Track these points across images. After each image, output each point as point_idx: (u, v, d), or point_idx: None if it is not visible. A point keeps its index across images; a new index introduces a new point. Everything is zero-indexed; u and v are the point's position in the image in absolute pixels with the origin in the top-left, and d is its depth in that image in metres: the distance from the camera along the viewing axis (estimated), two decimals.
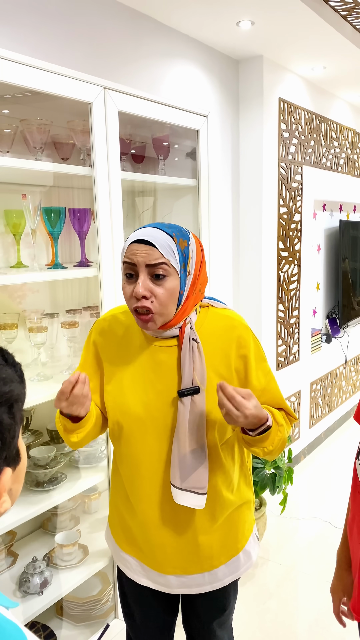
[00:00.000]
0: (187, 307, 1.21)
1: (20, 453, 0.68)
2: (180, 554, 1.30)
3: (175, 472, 1.20)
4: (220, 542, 1.33)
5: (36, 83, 1.55)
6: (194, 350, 1.19)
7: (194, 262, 1.20)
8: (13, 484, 0.68)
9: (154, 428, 1.23)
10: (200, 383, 1.18)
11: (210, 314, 1.27)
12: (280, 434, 1.21)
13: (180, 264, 1.16)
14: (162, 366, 1.23)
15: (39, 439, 1.94)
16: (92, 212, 1.88)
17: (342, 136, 3.94)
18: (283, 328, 3.36)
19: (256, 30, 2.53)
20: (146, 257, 1.13)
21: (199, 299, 1.25)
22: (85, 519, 2.16)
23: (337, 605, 1.28)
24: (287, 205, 3.25)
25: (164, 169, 2.28)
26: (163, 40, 2.44)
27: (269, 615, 2.26)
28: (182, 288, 1.17)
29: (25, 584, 1.75)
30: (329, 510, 3.06)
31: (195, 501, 1.21)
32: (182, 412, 1.18)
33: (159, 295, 1.14)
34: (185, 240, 1.18)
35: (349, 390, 4.52)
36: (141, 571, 1.37)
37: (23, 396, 0.67)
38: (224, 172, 2.95)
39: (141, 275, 1.14)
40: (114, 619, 2.03)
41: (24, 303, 2.00)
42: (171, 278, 1.15)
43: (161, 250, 1.13)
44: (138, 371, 1.25)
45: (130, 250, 1.15)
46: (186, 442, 1.18)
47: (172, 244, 1.14)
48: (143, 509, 1.28)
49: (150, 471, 1.25)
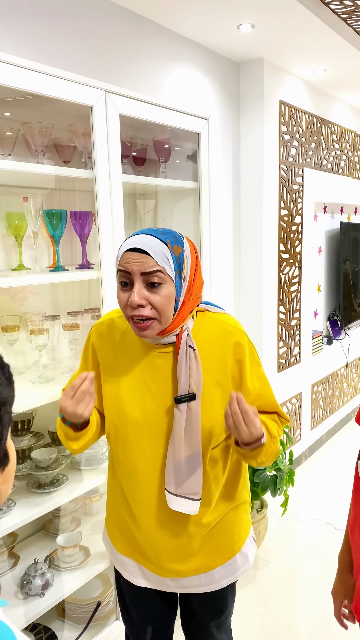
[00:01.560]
0: (184, 313, 1.20)
1: (9, 454, 0.68)
2: (177, 557, 1.31)
3: (170, 477, 1.21)
4: (216, 544, 1.33)
5: (38, 86, 1.56)
6: (190, 357, 1.19)
7: (189, 268, 1.19)
8: (2, 485, 0.68)
9: (150, 433, 1.24)
10: (196, 389, 1.18)
11: (206, 320, 1.27)
12: (273, 446, 1.22)
13: (175, 270, 1.15)
14: (159, 371, 1.23)
15: (40, 441, 1.94)
16: (94, 215, 1.89)
17: (342, 138, 3.95)
18: (284, 330, 3.36)
19: (257, 33, 2.54)
20: (141, 266, 1.12)
21: (196, 304, 1.24)
22: (87, 520, 2.17)
23: (338, 608, 1.28)
24: (288, 207, 3.25)
25: (165, 172, 2.29)
26: (164, 43, 2.45)
27: (270, 617, 2.26)
28: (178, 294, 1.17)
29: (27, 585, 1.76)
30: (330, 512, 3.06)
31: (189, 507, 1.21)
32: (178, 418, 1.18)
33: (155, 303, 1.14)
34: (179, 246, 1.17)
35: (350, 392, 4.51)
36: (138, 572, 1.37)
37: (11, 398, 0.67)
38: (225, 175, 2.96)
39: (136, 283, 1.13)
40: (115, 621, 2.04)
41: (25, 305, 2.00)
42: (166, 285, 1.14)
43: (155, 258, 1.12)
44: (135, 376, 1.25)
45: (124, 259, 1.14)
46: (181, 448, 1.19)
47: (166, 251, 1.14)
48: (139, 512, 1.29)
49: (146, 476, 1.26)
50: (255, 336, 3.13)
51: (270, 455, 1.22)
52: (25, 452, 1.88)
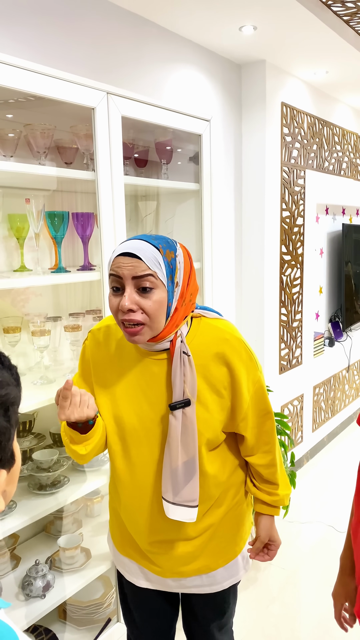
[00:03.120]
0: (177, 319, 1.19)
1: (15, 455, 0.69)
2: (177, 560, 1.31)
3: (167, 485, 1.20)
4: (218, 545, 1.33)
5: (40, 88, 1.56)
6: (185, 363, 1.18)
7: (182, 274, 1.18)
8: (7, 486, 0.69)
9: (146, 440, 1.23)
10: (190, 395, 1.18)
11: (202, 326, 1.25)
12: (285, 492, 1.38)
13: (167, 275, 1.14)
14: (154, 378, 1.23)
15: (42, 442, 1.94)
16: (95, 216, 1.89)
17: (344, 140, 3.95)
18: (286, 332, 3.36)
19: (259, 35, 2.54)
20: (132, 270, 1.11)
21: (190, 310, 1.23)
22: (88, 522, 2.16)
23: (339, 610, 1.28)
24: (290, 209, 3.25)
25: (167, 173, 2.29)
26: (166, 45, 2.45)
27: (271, 619, 2.26)
28: (170, 300, 1.16)
29: (28, 587, 1.76)
30: (331, 515, 3.06)
31: (187, 515, 1.20)
32: (174, 424, 1.18)
33: (146, 307, 1.12)
34: (172, 252, 1.16)
35: (351, 394, 4.51)
36: (140, 574, 1.37)
37: (19, 399, 0.67)
38: (227, 176, 2.96)
39: (127, 288, 1.12)
40: (116, 622, 2.03)
41: (27, 306, 2.01)
42: (158, 290, 1.13)
43: (147, 263, 1.11)
44: (131, 383, 1.25)
45: (116, 263, 1.14)
46: (178, 454, 1.18)
47: (158, 256, 1.13)
48: (136, 519, 1.29)
49: (143, 482, 1.26)
50: (257, 338, 3.13)
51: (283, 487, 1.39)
52: (26, 454, 1.88)
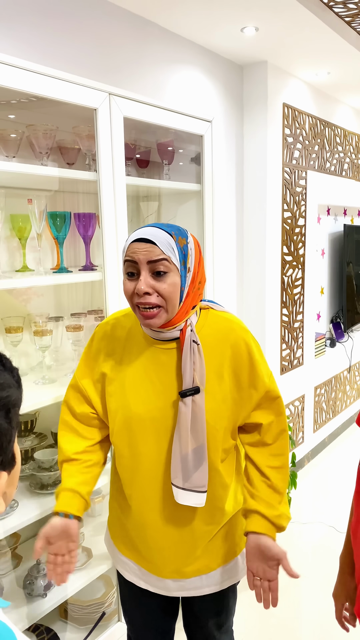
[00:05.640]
0: (188, 305, 1.22)
1: (16, 457, 0.69)
2: (178, 557, 1.31)
3: (176, 471, 1.22)
4: (218, 544, 1.33)
5: (42, 89, 1.57)
6: (194, 351, 1.21)
7: (193, 259, 1.22)
8: (7, 487, 0.69)
9: (154, 428, 1.25)
10: (200, 383, 1.20)
11: (210, 317, 1.29)
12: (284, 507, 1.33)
13: (180, 260, 1.18)
14: (163, 367, 1.25)
15: (43, 442, 1.95)
16: (97, 217, 1.89)
17: (346, 141, 3.95)
18: (287, 332, 3.36)
19: (260, 36, 2.55)
20: (147, 255, 1.15)
21: (198, 299, 1.27)
22: (89, 522, 2.17)
23: (340, 610, 1.28)
24: (291, 209, 3.26)
25: (169, 174, 2.30)
26: (168, 46, 2.46)
27: (272, 619, 2.26)
28: (183, 284, 1.19)
29: (29, 586, 1.76)
30: (332, 515, 3.06)
31: (196, 500, 1.23)
32: (184, 411, 1.20)
33: (161, 290, 1.16)
34: (184, 239, 1.20)
35: (353, 395, 4.51)
36: (140, 574, 1.38)
37: (20, 401, 0.68)
38: (228, 177, 2.97)
39: (143, 272, 1.16)
40: (117, 622, 2.04)
41: (29, 306, 2.01)
42: (172, 274, 1.17)
43: (161, 247, 1.15)
44: (139, 372, 1.27)
45: (131, 249, 1.18)
46: (187, 441, 1.20)
47: (171, 242, 1.17)
48: (142, 511, 1.29)
49: (150, 472, 1.26)
50: (258, 338, 3.13)
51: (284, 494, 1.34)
52: (28, 453, 1.88)
